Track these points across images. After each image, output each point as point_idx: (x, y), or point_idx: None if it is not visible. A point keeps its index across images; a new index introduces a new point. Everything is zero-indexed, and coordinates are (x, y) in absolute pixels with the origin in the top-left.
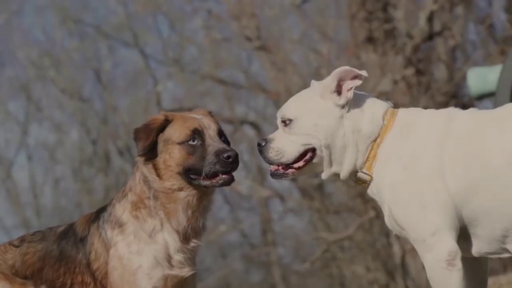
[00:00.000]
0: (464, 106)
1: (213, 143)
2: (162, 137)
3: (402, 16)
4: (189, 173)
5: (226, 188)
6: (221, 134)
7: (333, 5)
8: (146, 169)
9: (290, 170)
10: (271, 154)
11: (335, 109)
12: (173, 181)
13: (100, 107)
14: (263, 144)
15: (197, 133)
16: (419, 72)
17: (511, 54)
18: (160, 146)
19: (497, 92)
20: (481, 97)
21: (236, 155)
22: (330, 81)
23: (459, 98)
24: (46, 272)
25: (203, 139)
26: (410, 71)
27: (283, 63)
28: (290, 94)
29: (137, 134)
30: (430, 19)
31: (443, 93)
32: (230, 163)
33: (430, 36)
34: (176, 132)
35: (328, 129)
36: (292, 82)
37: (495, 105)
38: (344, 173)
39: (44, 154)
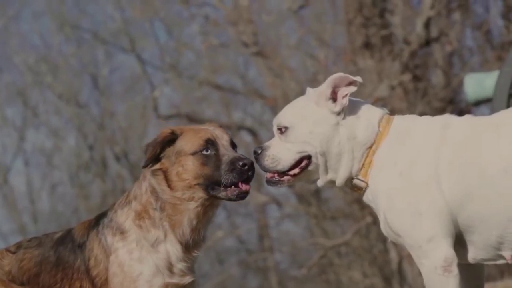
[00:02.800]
0: (461, 112)
1: (227, 153)
2: (173, 150)
3: (399, 22)
4: (210, 186)
5: None
6: (233, 145)
7: (330, 11)
8: (154, 181)
9: (285, 177)
10: (267, 161)
11: (330, 116)
12: (185, 190)
13: (97, 112)
14: (259, 152)
15: (210, 143)
16: (416, 78)
17: (508, 60)
18: (172, 158)
19: (494, 98)
20: (478, 103)
21: (252, 164)
22: (325, 88)
23: (456, 104)
24: (42, 278)
25: (217, 149)
26: (407, 77)
27: (280, 69)
28: (287, 100)
29: (147, 148)
30: (427, 25)
31: (440, 99)
32: (246, 171)
33: (427, 42)
34: (188, 143)
35: (323, 136)
36: (289, 88)
37: (492, 111)
38: (339, 180)
39: (41, 160)
